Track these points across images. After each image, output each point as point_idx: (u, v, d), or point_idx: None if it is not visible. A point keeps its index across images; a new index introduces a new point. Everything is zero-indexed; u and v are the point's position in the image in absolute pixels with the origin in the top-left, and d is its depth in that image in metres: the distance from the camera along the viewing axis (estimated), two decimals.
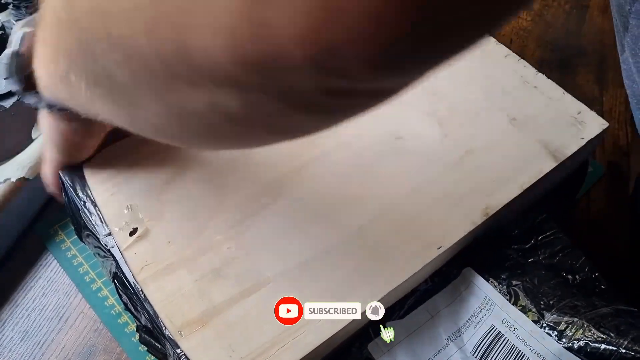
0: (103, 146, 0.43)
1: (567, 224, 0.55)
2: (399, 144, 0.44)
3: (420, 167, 0.43)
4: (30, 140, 0.52)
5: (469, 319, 0.40)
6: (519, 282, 0.41)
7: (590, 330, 0.38)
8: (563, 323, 0.39)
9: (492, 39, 0.51)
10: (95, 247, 0.41)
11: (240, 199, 0.41)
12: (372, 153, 0.43)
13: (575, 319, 0.39)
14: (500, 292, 0.40)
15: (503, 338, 0.39)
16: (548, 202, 0.47)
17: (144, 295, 0.37)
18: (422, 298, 0.40)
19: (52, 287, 0.51)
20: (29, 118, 0.52)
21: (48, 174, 0.44)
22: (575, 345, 0.38)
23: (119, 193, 0.41)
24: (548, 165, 0.43)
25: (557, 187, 0.47)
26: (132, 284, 0.37)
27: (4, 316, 0.49)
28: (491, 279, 0.41)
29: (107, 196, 0.40)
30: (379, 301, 0.37)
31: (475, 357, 0.39)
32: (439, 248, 0.39)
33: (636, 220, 0.55)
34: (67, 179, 0.42)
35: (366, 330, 0.39)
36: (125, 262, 0.38)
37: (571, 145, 0.44)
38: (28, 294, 0.51)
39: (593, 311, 0.39)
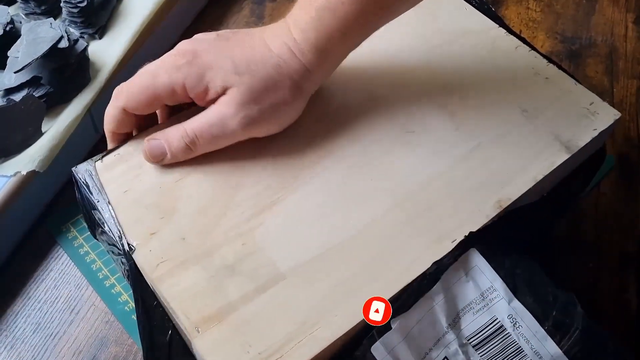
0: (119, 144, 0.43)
1: (576, 216, 0.55)
2: (410, 137, 0.44)
3: (432, 160, 0.42)
4: (40, 134, 0.52)
5: (469, 305, 0.40)
6: (525, 270, 0.40)
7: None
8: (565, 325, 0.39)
9: (503, 31, 0.51)
10: (109, 244, 0.41)
11: (253, 195, 0.41)
12: (384, 147, 0.43)
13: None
14: (505, 282, 0.40)
15: (505, 333, 0.39)
16: (560, 191, 0.47)
17: (160, 292, 0.37)
18: (428, 285, 0.40)
19: (64, 279, 0.51)
20: (39, 111, 0.52)
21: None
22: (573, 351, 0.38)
23: (132, 190, 0.41)
24: (561, 157, 0.43)
25: (571, 176, 0.47)
26: (148, 281, 0.37)
27: (17, 308, 0.50)
28: (497, 266, 0.40)
29: (120, 193, 0.40)
30: (396, 294, 0.37)
31: (471, 344, 0.39)
32: (453, 241, 0.39)
33: None
34: (79, 176, 0.41)
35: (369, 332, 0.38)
36: (140, 259, 0.38)
37: (584, 137, 0.44)
38: (40, 286, 0.51)
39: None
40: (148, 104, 0.41)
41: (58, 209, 0.55)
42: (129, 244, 0.38)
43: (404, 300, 0.38)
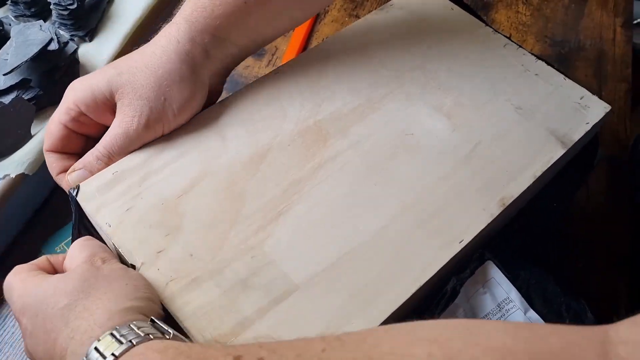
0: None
1: (566, 217, 0.55)
2: (410, 140, 0.44)
3: (434, 162, 0.43)
4: (29, 137, 0.52)
5: (487, 315, 0.40)
6: (538, 280, 0.41)
7: None
8: None
9: (490, 29, 0.51)
10: None
11: (258, 207, 0.40)
12: (384, 151, 0.43)
13: None
14: (521, 293, 0.40)
15: None
16: (558, 182, 0.47)
17: (172, 311, 0.36)
18: (450, 299, 0.40)
19: None
20: (29, 114, 0.52)
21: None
22: None
23: (135, 209, 0.39)
24: (557, 152, 0.43)
25: (567, 168, 0.48)
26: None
27: (5, 312, 0.49)
28: (512, 277, 0.41)
29: (123, 212, 0.39)
30: (409, 298, 0.36)
31: None
32: (460, 242, 0.39)
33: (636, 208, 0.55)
34: (78, 198, 0.40)
35: None
36: (149, 279, 0.37)
37: (578, 131, 0.45)
38: None
39: None
40: (63, 139, 0.43)
41: (49, 214, 0.55)
42: (131, 264, 0.37)
43: (428, 315, 0.39)
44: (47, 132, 0.44)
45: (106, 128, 0.43)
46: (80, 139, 0.44)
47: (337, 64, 0.48)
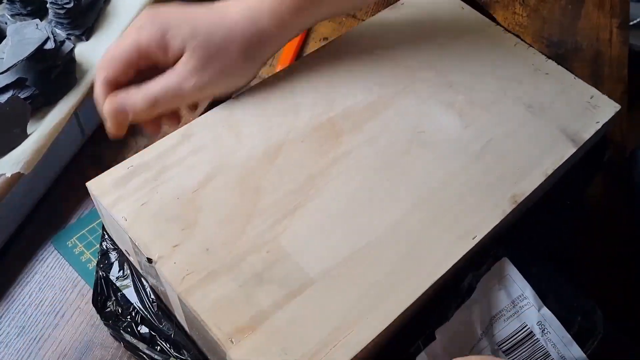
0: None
1: (578, 213, 0.55)
2: (422, 137, 0.44)
3: (446, 159, 0.43)
4: (25, 136, 0.52)
5: (501, 312, 0.40)
6: (552, 278, 0.41)
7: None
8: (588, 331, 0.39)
9: (500, 28, 0.52)
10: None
11: (273, 201, 0.40)
12: (397, 147, 0.43)
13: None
14: (535, 290, 0.40)
15: (534, 338, 0.39)
16: (568, 180, 0.48)
17: (189, 305, 0.36)
18: (466, 295, 0.40)
19: (48, 282, 0.51)
20: (25, 113, 0.52)
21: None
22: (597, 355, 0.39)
23: (150, 203, 0.39)
24: (568, 150, 0.44)
25: (577, 166, 0.48)
26: (176, 294, 0.37)
27: (0, 311, 0.49)
28: (527, 274, 0.41)
29: (138, 206, 0.39)
30: (424, 292, 0.37)
31: (502, 349, 0.39)
32: (473, 238, 0.39)
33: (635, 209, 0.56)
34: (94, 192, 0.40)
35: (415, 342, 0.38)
36: (165, 272, 0.37)
37: (588, 129, 0.45)
38: (24, 289, 0.50)
39: None
40: (123, 70, 0.43)
41: (45, 213, 0.54)
42: (148, 258, 0.37)
43: (444, 310, 0.39)
44: (108, 61, 0.43)
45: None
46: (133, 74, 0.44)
47: (349, 61, 0.49)
